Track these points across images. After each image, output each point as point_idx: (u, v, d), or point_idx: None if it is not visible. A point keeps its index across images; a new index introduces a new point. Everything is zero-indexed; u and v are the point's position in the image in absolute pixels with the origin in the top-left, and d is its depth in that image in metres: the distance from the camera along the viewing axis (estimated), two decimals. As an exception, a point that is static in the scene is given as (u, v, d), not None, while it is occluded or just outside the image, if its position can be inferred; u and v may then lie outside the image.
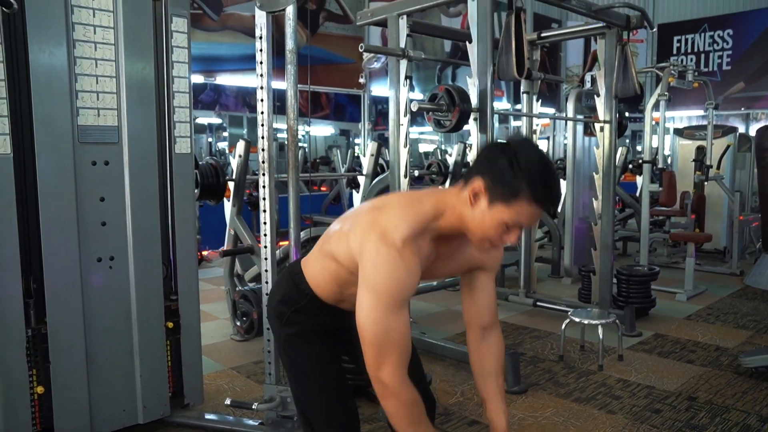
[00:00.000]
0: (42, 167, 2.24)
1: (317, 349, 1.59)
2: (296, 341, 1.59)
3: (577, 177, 5.67)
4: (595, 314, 3.67)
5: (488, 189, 1.32)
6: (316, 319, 1.58)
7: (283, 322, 1.60)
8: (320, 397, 1.60)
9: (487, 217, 1.32)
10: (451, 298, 5.08)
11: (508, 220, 1.31)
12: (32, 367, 2.31)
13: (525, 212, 1.30)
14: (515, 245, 1.36)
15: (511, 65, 3.03)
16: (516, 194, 1.28)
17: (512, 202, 1.29)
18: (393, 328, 1.32)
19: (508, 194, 1.29)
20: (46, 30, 2.22)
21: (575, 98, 5.40)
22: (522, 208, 1.29)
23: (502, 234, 1.34)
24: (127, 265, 2.48)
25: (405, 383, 1.35)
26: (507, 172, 1.29)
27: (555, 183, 1.34)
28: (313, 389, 1.60)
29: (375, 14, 3.77)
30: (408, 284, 1.33)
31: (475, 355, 1.63)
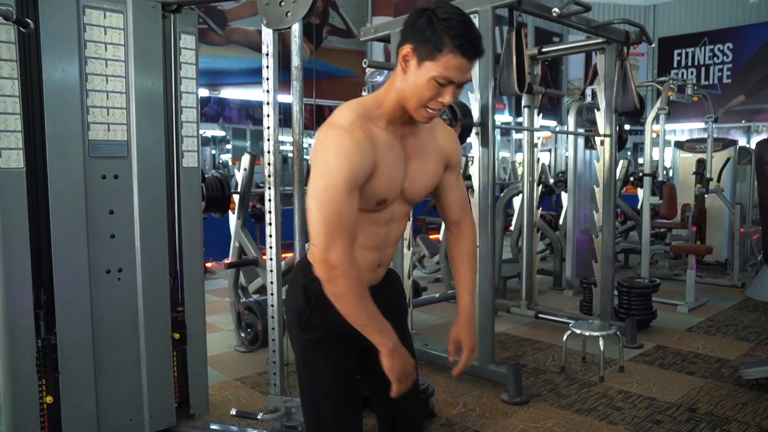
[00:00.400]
0: (53, 181, 2.29)
1: (334, 357, 1.58)
2: (315, 348, 1.57)
3: (579, 189, 5.71)
4: (596, 326, 3.70)
5: (415, 50, 1.35)
6: (333, 317, 1.49)
7: (302, 325, 1.57)
8: (332, 407, 1.59)
9: (419, 79, 1.35)
10: (454, 310, 5.07)
11: (438, 76, 1.34)
12: (42, 376, 2.35)
13: (452, 64, 1.32)
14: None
15: (512, 80, 3.08)
16: (440, 47, 1.32)
17: (438, 56, 1.32)
18: (344, 210, 1.35)
19: (433, 49, 1.32)
20: (59, 47, 2.28)
21: (576, 112, 5.45)
22: (448, 60, 1.32)
23: (437, 95, 1.37)
24: (135, 277, 2.53)
25: (353, 263, 1.37)
26: (428, 29, 1.33)
27: (476, 33, 1.36)
28: (327, 398, 1.59)
29: (378, 30, 3.84)
30: (359, 163, 1.35)
31: (451, 248, 1.70)
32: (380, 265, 1.60)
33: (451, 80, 1.35)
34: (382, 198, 1.45)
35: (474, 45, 1.34)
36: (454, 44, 1.31)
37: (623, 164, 6.94)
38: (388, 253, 1.61)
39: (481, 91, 3.22)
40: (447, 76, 1.34)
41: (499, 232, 5.29)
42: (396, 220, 1.55)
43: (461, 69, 1.34)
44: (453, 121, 3.26)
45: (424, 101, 1.38)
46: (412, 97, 1.39)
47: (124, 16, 2.43)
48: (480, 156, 3.26)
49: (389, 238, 1.57)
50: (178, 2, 2.56)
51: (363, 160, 1.36)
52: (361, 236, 1.47)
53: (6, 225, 2.21)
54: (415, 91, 1.37)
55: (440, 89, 1.36)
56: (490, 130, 3.22)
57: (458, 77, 1.35)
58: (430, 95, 1.37)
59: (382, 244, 1.55)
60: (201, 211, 2.79)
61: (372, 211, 1.47)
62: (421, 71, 1.35)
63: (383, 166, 1.41)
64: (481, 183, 3.27)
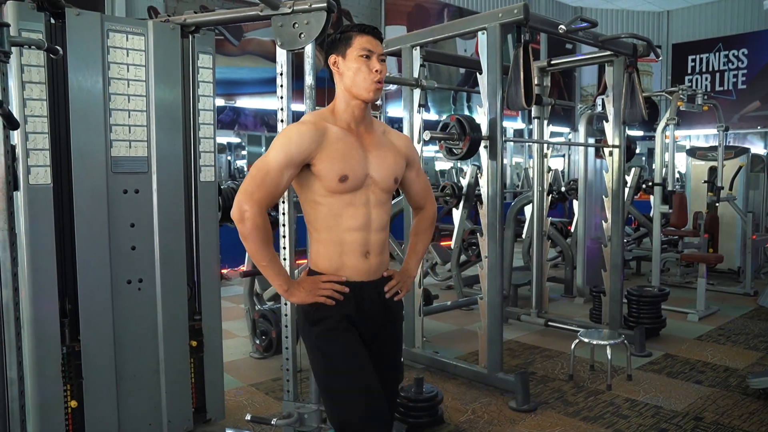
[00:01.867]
0: (78, 196, 2.41)
1: (345, 341, 1.75)
2: (327, 336, 1.75)
3: (589, 198, 5.76)
4: (604, 335, 3.75)
5: (337, 54, 1.74)
6: (338, 309, 1.75)
7: (311, 321, 1.76)
8: (349, 384, 1.74)
9: (350, 65, 1.71)
10: (465, 317, 5.18)
11: (359, 52, 1.70)
12: (66, 382, 2.46)
13: (363, 41, 1.71)
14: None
15: (519, 96, 3.16)
16: (350, 38, 1.72)
17: (352, 42, 1.71)
18: (272, 176, 1.66)
19: (346, 43, 1.72)
20: (85, 69, 2.40)
21: (586, 121, 5.51)
22: (359, 41, 1.71)
23: (368, 68, 1.70)
24: (155, 287, 2.63)
25: (263, 216, 1.67)
26: (338, 39, 1.75)
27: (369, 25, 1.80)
28: (344, 376, 1.73)
29: (389, 45, 3.93)
30: (296, 142, 1.67)
31: (413, 226, 2.07)
32: (369, 252, 1.76)
33: (370, 50, 1.71)
34: (341, 174, 1.69)
35: (370, 26, 1.76)
36: (357, 30, 1.73)
37: (635, 172, 6.97)
38: (375, 239, 1.77)
39: (490, 105, 3.30)
40: (365, 47, 1.71)
41: (510, 240, 5.35)
42: (374, 204, 1.77)
43: (371, 42, 1.72)
44: (462, 135, 3.35)
45: (363, 76, 1.70)
46: (355, 81, 1.71)
47: (145, 38, 2.55)
48: (488, 168, 3.33)
49: (371, 221, 1.76)
50: (197, 24, 2.67)
51: (302, 140, 1.67)
52: (343, 219, 1.73)
53: (34, 237, 2.33)
54: (353, 75, 1.71)
55: (367, 62, 1.70)
56: (499, 144, 3.30)
57: (373, 47, 1.72)
58: (366, 69, 1.70)
59: (364, 225, 1.75)
60: (218, 224, 2.89)
61: (342, 191, 1.71)
62: (348, 61, 1.72)
63: (332, 149, 1.69)
64: (489, 194, 3.34)
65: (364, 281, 1.78)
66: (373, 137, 1.81)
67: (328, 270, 1.77)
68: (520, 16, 3.09)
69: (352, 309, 1.77)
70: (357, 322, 1.78)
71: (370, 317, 1.80)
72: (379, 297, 1.82)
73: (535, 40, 12.22)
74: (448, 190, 5.65)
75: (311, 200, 1.75)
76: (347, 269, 1.76)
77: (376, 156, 1.78)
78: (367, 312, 1.79)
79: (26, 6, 2.31)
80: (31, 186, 2.31)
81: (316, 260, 1.79)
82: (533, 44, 11.98)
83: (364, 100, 1.74)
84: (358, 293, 1.77)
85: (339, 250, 1.75)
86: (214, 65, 2.79)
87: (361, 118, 1.78)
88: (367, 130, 1.80)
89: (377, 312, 1.82)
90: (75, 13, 2.39)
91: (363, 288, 1.78)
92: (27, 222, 2.31)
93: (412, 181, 1.96)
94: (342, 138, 1.73)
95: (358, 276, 1.77)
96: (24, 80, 2.28)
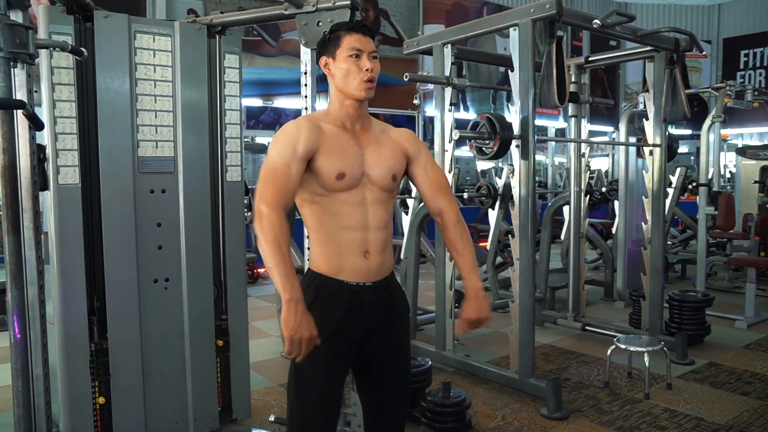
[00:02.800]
0: (105, 195, 2.44)
1: (326, 360, 1.69)
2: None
3: (630, 199, 5.57)
4: (643, 341, 3.61)
5: (328, 56, 1.73)
6: (330, 318, 1.67)
7: None
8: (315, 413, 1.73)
9: (341, 65, 1.70)
10: (499, 320, 5.07)
11: (349, 51, 1.68)
12: (95, 379, 2.50)
13: (353, 39, 1.69)
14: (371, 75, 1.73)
15: (552, 93, 3.06)
16: (339, 38, 1.71)
17: (342, 42, 1.70)
18: (280, 173, 1.60)
19: (336, 43, 1.71)
20: (112, 71, 2.44)
21: (627, 120, 5.33)
22: (348, 40, 1.70)
23: (358, 66, 1.68)
24: (181, 286, 2.65)
25: (278, 214, 1.57)
26: (328, 40, 1.74)
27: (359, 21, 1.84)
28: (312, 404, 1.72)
29: (421, 43, 3.88)
30: (296, 137, 1.63)
31: (444, 237, 1.85)
32: (368, 251, 1.70)
33: (359, 49, 1.69)
34: (338, 172, 1.65)
35: (359, 23, 1.75)
36: (346, 28, 1.72)
37: (681, 172, 6.73)
38: (374, 237, 1.71)
39: (522, 104, 3.21)
40: (354, 46, 1.69)
41: (546, 241, 5.22)
42: (371, 203, 1.71)
43: (360, 40, 1.70)
44: (492, 134, 3.27)
45: (354, 76, 1.68)
46: (346, 80, 1.69)
47: (172, 39, 2.57)
48: (520, 168, 3.25)
49: (368, 219, 1.71)
50: (223, 24, 2.68)
51: (302, 136, 1.64)
52: (340, 218, 1.68)
53: (63, 237, 2.37)
54: (344, 75, 1.69)
55: (357, 61, 1.68)
56: (531, 143, 3.21)
57: (363, 46, 1.69)
58: (355, 69, 1.68)
59: (361, 224, 1.70)
60: (244, 224, 2.89)
61: (339, 189, 1.67)
62: (338, 61, 1.70)
63: (329, 146, 1.66)
64: (520, 194, 3.26)
65: (364, 283, 1.71)
66: (369, 135, 1.77)
67: (327, 270, 1.71)
68: (553, 11, 3.00)
69: (343, 317, 1.69)
70: (348, 330, 1.71)
71: (367, 320, 1.73)
72: (378, 299, 1.74)
73: (578, 37, 11.95)
74: (483, 190, 5.55)
75: (307, 200, 1.71)
76: (346, 269, 1.70)
77: (371, 152, 1.73)
78: (364, 315, 1.72)
79: (56, 9, 2.35)
80: (60, 186, 2.35)
81: (314, 260, 1.74)
82: (575, 41, 11.77)
83: (356, 99, 1.71)
84: (357, 296, 1.70)
85: (337, 250, 1.69)
86: (241, 65, 2.79)
87: (357, 116, 1.75)
88: (363, 128, 1.77)
89: (377, 314, 1.74)
90: (103, 15, 2.42)
91: (362, 291, 1.71)
92: (56, 221, 2.36)
93: (419, 177, 1.82)
94: (337, 135, 1.70)
95: (358, 277, 1.70)
96: (54, 82, 2.32)
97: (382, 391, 1.80)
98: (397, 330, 1.82)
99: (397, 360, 1.82)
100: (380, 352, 1.78)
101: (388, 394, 1.80)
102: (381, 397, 1.81)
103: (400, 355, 1.84)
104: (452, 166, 3.71)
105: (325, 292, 1.70)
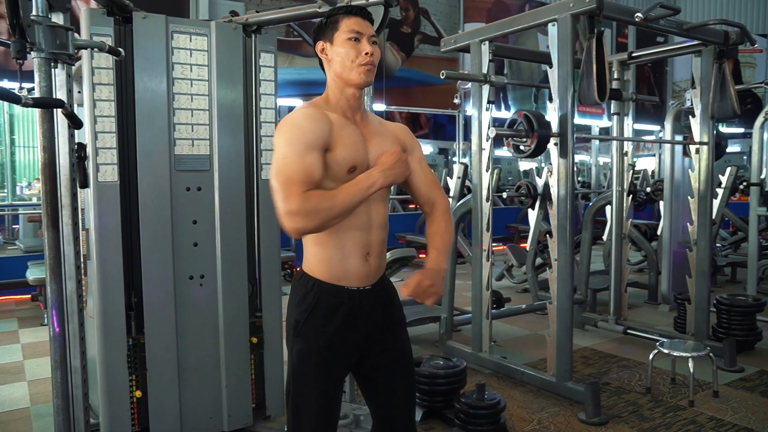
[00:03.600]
0: (143, 193, 2.49)
1: (324, 372, 1.63)
2: (307, 362, 1.62)
3: (676, 199, 5.40)
4: (688, 346, 3.48)
5: (324, 40, 1.66)
6: (329, 328, 1.61)
7: (296, 332, 1.63)
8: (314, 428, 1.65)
9: (339, 49, 1.62)
10: (539, 322, 4.98)
11: (347, 35, 1.61)
12: (132, 372, 2.56)
13: (351, 23, 1.62)
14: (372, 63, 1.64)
15: (592, 89, 2.98)
16: (337, 21, 1.64)
17: (339, 26, 1.63)
18: (299, 168, 1.47)
19: (333, 27, 1.64)
20: (150, 71, 2.48)
21: (673, 117, 5.16)
22: (346, 23, 1.62)
23: (357, 50, 1.61)
24: (216, 283, 2.68)
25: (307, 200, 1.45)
26: (324, 24, 1.67)
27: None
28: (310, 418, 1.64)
29: (458, 41, 3.84)
30: (310, 128, 1.53)
31: (427, 227, 1.78)
32: (369, 253, 1.64)
33: (359, 32, 1.61)
34: (351, 164, 1.57)
35: (358, 7, 1.67)
36: (343, 11, 1.65)
37: (731, 171, 6.49)
38: (375, 238, 1.65)
39: (561, 101, 3.14)
40: (353, 29, 1.61)
41: (587, 242, 5.09)
42: (374, 199, 1.62)
43: (359, 23, 1.63)
44: (529, 132, 3.20)
45: (352, 60, 1.60)
46: (344, 66, 1.61)
47: (208, 39, 2.60)
48: (558, 166, 3.17)
49: (371, 218, 1.64)
50: (258, 23, 2.70)
51: (315, 126, 1.54)
52: (348, 216, 1.55)
53: (102, 233, 2.43)
54: (342, 59, 1.61)
55: (357, 45, 1.61)
56: (570, 141, 3.13)
57: (362, 29, 1.62)
58: (354, 53, 1.61)
59: (365, 224, 1.62)
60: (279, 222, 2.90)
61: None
62: (336, 46, 1.63)
63: (341, 136, 1.58)
64: (558, 194, 3.18)
65: (364, 287, 1.64)
66: (370, 127, 1.69)
67: (329, 276, 1.61)
68: (593, 5, 2.91)
69: (342, 325, 1.62)
70: (347, 337, 1.63)
71: (366, 325, 1.66)
72: (377, 302, 1.67)
73: (623, 33, 11.66)
74: (523, 190, 5.46)
75: None
76: (349, 275, 1.61)
77: (375, 145, 1.65)
78: (363, 320, 1.65)
79: (97, 12, 2.41)
80: (99, 183, 2.40)
81: (312, 263, 1.63)
82: (620, 38, 11.50)
83: (356, 85, 1.62)
84: (357, 302, 1.63)
85: (340, 253, 1.60)
86: (276, 63, 2.81)
87: (357, 107, 1.67)
88: (362, 119, 1.69)
89: (376, 318, 1.67)
90: (141, 17, 2.47)
91: (362, 295, 1.64)
92: (96, 218, 2.42)
93: (416, 170, 1.75)
94: (345, 125, 1.61)
95: (359, 281, 1.63)
96: (94, 82, 2.38)
97: (391, 396, 1.73)
98: (398, 331, 1.75)
99: (401, 362, 1.74)
100: (382, 357, 1.71)
101: (396, 398, 1.73)
102: (390, 402, 1.74)
103: (403, 357, 1.76)
104: (489, 164, 3.65)
105: (325, 301, 1.61)
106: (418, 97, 10.08)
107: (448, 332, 4.13)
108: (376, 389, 1.74)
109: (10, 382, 3.72)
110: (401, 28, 9.88)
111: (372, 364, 1.71)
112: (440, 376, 3.00)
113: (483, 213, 3.69)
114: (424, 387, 3.01)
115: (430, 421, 3.03)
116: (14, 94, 1.70)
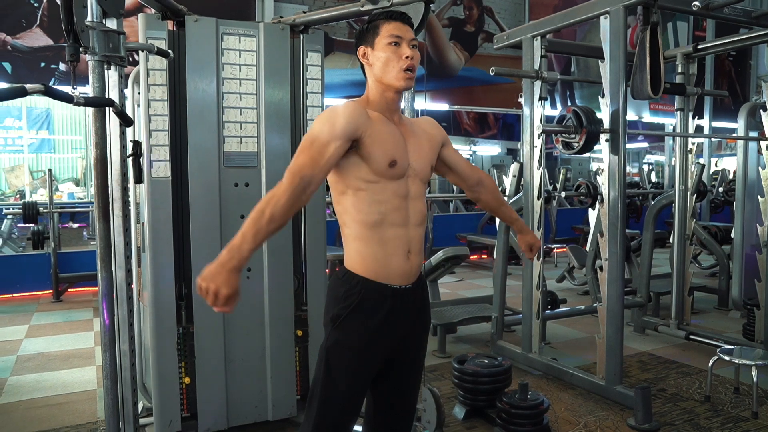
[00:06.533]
0: (193, 188, 2.61)
1: (360, 362, 1.65)
2: (343, 350, 1.64)
3: (750, 200, 5.10)
4: (756, 354, 3.28)
5: (366, 45, 1.69)
6: (371, 324, 1.63)
7: (336, 325, 1.65)
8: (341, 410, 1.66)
9: (380, 54, 1.66)
10: (593, 324, 4.82)
11: (388, 39, 1.64)
12: (182, 360, 2.68)
13: (391, 27, 1.66)
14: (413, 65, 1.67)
15: (645, 83, 2.88)
16: (378, 27, 1.68)
17: (380, 31, 1.66)
18: (317, 145, 1.54)
19: (374, 32, 1.68)
20: (201, 71, 2.60)
21: (747, 113, 4.88)
22: (387, 28, 1.66)
23: (398, 54, 1.64)
24: (263, 277, 2.77)
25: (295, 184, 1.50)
26: (366, 30, 1.71)
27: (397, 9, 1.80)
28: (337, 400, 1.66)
29: (510, 37, 3.79)
30: (343, 121, 1.56)
31: (483, 201, 2.01)
32: (410, 251, 1.66)
33: (399, 36, 1.65)
34: (391, 158, 1.62)
35: (398, 12, 1.71)
36: (384, 17, 1.69)
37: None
38: (414, 235, 1.68)
39: (612, 96, 3.05)
40: (393, 34, 1.65)
41: (648, 243, 4.89)
42: (413, 197, 1.69)
43: (400, 28, 1.67)
44: (578, 128, 3.12)
45: (393, 65, 1.64)
46: (386, 69, 1.65)
47: (256, 40, 2.69)
48: (609, 164, 3.08)
49: (410, 215, 1.68)
50: (305, 23, 2.77)
51: (348, 118, 1.57)
52: (386, 210, 1.63)
53: (155, 227, 2.56)
54: (383, 64, 1.65)
55: (397, 49, 1.65)
56: (622, 137, 3.03)
57: (402, 33, 1.66)
58: (395, 57, 1.65)
59: (405, 220, 1.66)
60: (325, 218, 2.96)
61: (390, 177, 1.63)
62: (377, 50, 1.66)
63: (379, 131, 1.62)
64: (609, 193, 3.09)
65: (406, 285, 1.67)
66: (406, 127, 1.75)
67: (375, 274, 1.63)
68: (647, -4, 2.82)
69: (383, 323, 1.63)
70: (386, 335, 1.66)
71: (404, 323, 1.68)
72: (416, 300, 1.70)
73: (701, 26, 11.09)
74: (582, 189, 5.30)
75: (353, 186, 1.61)
76: (392, 273, 1.64)
77: (413, 144, 1.71)
78: (402, 319, 1.67)
79: (153, 16, 2.55)
80: (153, 179, 2.54)
81: (355, 260, 1.64)
82: (698, 31, 10.89)
83: (396, 89, 1.66)
84: (399, 300, 1.65)
85: (383, 250, 1.62)
86: (323, 63, 2.87)
87: (395, 109, 1.72)
88: (400, 121, 1.75)
89: (413, 319, 1.71)
90: (193, 20, 2.58)
91: (404, 294, 1.66)
92: (149, 212, 2.55)
93: (456, 162, 1.90)
94: (384, 123, 1.67)
95: (401, 280, 1.65)
96: (149, 83, 2.52)
97: (402, 387, 1.76)
98: (425, 330, 1.80)
99: (419, 358, 1.81)
100: (407, 354, 1.74)
101: (405, 389, 1.77)
102: (398, 393, 1.76)
103: (422, 353, 1.83)
104: (542, 161, 3.59)
105: (370, 298, 1.63)
106: (479, 96, 9.97)
107: (498, 332, 4.08)
108: (389, 380, 1.75)
109: (81, 366, 3.97)
110: (464, 27, 9.80)
111: (395, 358, 1.72)
112: (484, 374, 2.98)
113: (534, 211, 3.63)
114: (468, 385, 3.00)
115: (473, 420, 3.01)
116: (67, 94, 1.82)
